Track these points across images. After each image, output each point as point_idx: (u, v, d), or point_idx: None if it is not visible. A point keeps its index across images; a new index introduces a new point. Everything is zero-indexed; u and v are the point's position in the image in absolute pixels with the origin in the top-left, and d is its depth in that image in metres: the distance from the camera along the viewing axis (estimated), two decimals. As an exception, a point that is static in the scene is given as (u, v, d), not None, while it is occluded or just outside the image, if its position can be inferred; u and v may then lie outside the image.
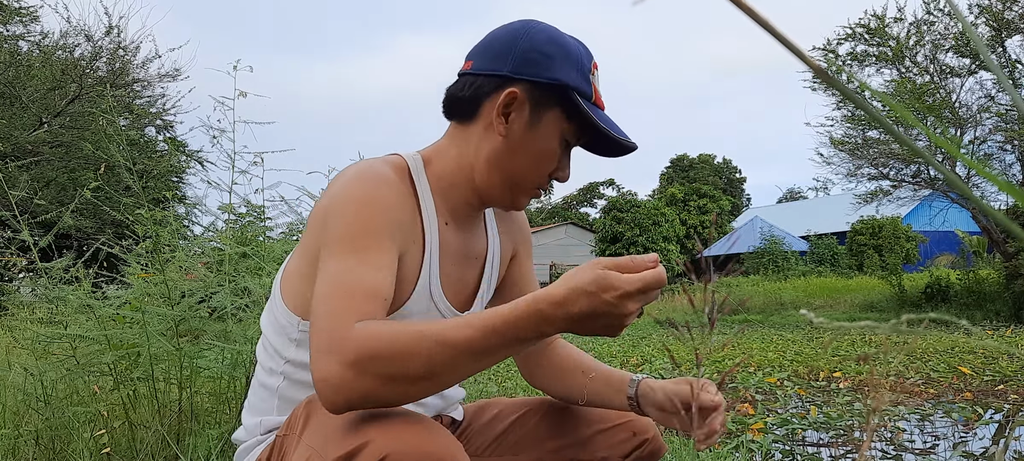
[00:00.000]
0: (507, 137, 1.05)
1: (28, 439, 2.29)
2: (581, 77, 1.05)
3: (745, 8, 0.28)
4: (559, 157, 1.08)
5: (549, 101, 1.04)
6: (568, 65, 1.04)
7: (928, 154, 0.34)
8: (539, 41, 1.05)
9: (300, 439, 0.94)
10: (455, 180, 1.10)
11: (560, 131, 1.06)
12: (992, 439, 3.21)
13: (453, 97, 1.10)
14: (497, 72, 1.05)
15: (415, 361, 0.81)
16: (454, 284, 1.14)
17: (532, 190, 1.10)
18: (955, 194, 12.69)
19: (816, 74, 0.31)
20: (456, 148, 1.10)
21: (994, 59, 0.40)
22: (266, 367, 1.13)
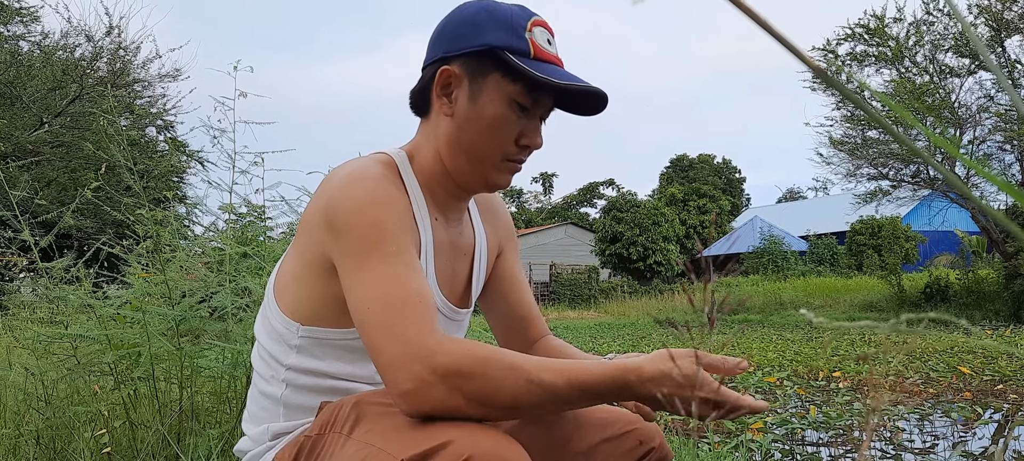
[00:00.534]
0: (454, 115, 1.05)
1: (29, 439, 2.29)
2: (512, 35, 1.02)
3: (745, 9, 0.29)
4: (515, 122, 1.05)
5: (485, 68, 1.03)
6: (496, 28, 1.02)
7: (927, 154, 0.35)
8: (466, 14, 1.05)
9: (349, 437, 0.93)
10: (435, 172, 1.10)
11: (505, 95, 1.03)
12: (991, 439, 3.21)
13: (411, 94, 1.11)
14: (435, 57, 1.06)
15: (504, 392, 0.85)
16: (449, 280, 1.14)
17: (500, 163, 1.07)
18: (954, 194, 12.70)
19: (816, 74, 0.31)
20: (426, 141, 1.10)
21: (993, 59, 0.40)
22: (265, 376, 1.11)
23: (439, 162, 1.09)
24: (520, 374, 0.86)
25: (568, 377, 0.88)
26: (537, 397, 0.86)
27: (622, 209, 26.29)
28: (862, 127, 13.12)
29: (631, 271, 25.84)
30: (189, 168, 13.61)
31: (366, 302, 0.90)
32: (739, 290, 17.84)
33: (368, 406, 0.96)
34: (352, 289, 0.93)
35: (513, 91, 1.03)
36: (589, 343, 8.30)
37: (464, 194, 1.14)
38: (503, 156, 1.06)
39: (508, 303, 1.29)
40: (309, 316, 1.05)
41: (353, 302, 0.92)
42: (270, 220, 2.76)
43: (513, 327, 1.30)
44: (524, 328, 1.30)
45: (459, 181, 1.10)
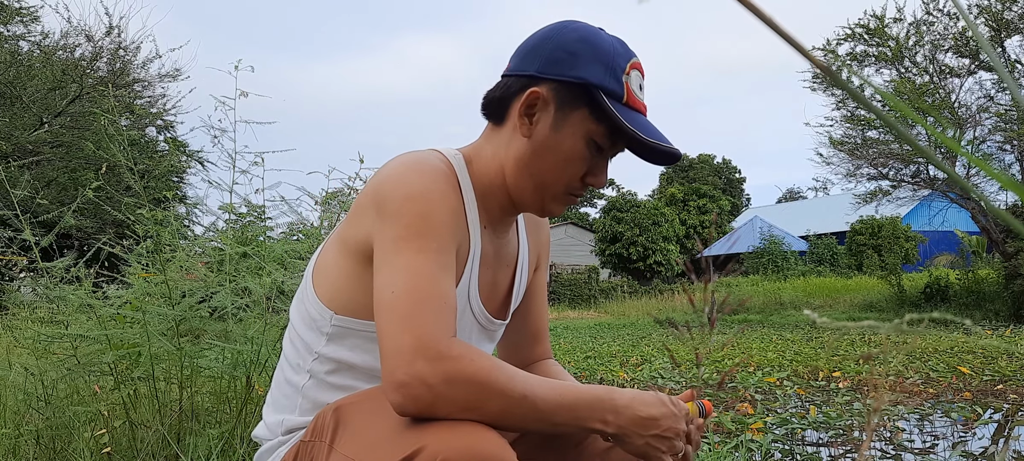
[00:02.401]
0: (532, 139, 1.04)
1: (29, 438, 2.29)
2: (609, 76, 1.01)
3: (751, 7, 0.29)
4: (588, 160, 1.04)
5: (575, 101, 1.02)
6: (596, 64, 1.01)
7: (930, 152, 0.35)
8: (568, 40, 1.03)
9: (331, 448, 0.93)
10: (493, 183, 1.09)
11: (586, 132, 1.02)
12: (991, 439, 3.21)
13: (488, 98, 1.09)
14: (525, 72, 1.04)
15: (497, 402, 0.85)
16: (489, 289, 1.14)
17: (562, 195, 1.07)
18: (955, 194, 12.70)
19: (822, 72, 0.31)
20: (491, 149, 1.09)
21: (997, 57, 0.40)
22: (293, 363, 1.10)
23: (500, 175, 1.08)
24: (515, 386, 0.87)
25: (557, 396, 0.90)
26: (527, 412, 0.88)
27: (622, 209, 26.29)
28: (862, 127, 13.13)
29: (631, 271, 25.84)
30: (189, 168, 13.63)
31: (392, 286, 0.89)
32: (739, 290, 17.84)
33: (347, 411, 0.96)
34: (382, 270, 0.92)
35: (596, 131, 1.02)
36: (589, 343, 8.30)
37: (516, 211, 1.14)
38: (567, 190, 1.06)
39: (525, 317, 1.29)
40: (344, 305, 1.05)
41: (379, 282, 0.91)
42: (270, 220, 2.76)
43: (522, 342, 1.29)
44: (531, 345, 1.30)
45: (516, 200, 1.10)
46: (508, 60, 1.09)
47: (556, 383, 0.92)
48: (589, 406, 0.91)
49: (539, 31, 1.07)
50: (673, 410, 0.98)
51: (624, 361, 6.17)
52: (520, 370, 0.90)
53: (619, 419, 0.93)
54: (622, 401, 0.94)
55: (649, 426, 0.94)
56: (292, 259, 2.53)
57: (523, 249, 1.22)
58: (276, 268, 2.43)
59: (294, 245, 2.65)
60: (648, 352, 6.88)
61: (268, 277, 2.33)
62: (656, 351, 6.95)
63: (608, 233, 25.99)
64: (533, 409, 0.87)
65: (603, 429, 0.93)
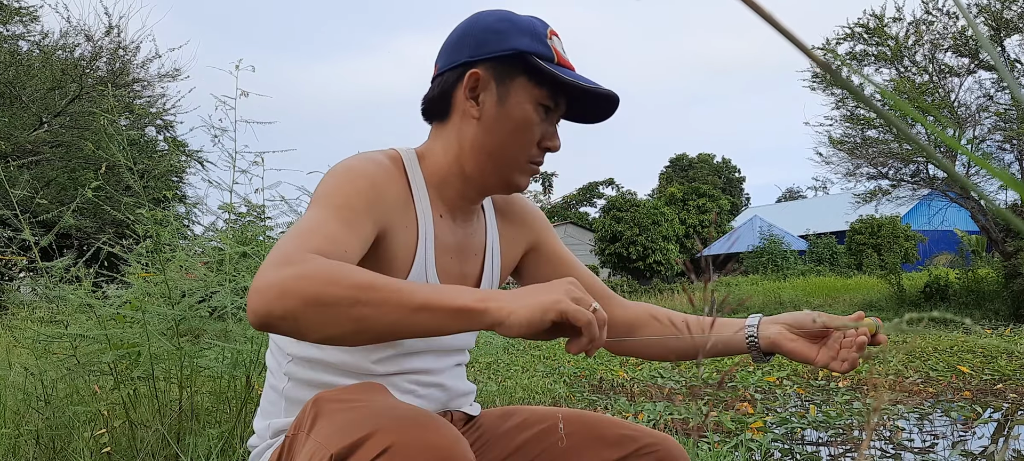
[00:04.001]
0: (482, 118, 1.08)
1: (29, 438, 2.29)
2: (536, 41, 1.07)
3: (754, 6, 0.29)
4: (539, 124, 1.09)
5: (512, 71, 1.07)
6: (520, 34, 1.07)
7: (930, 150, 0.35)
8: (488, 21, 1.09)
9: (309, 436, 0.94)
10: (446, 175, 1.12)
11: (532, 97, 1.07)
12: (991, 438, 3.21)
13: (426, 101, 1.14)
14: (456, 63, 1.09)
15: (340, 288, 0.79)
16: (454, 279, 1.15)
17: (524, 165, 1.10)
18: (954, 193, 12.71)
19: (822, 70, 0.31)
20: (441, 144, 1.13)
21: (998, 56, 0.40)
22: (273, 369, 1.15)
23: (455, 164, 1.11)
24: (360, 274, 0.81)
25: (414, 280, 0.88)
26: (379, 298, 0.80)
27: (622, 209, 26.29)
28: (862, 126, 13.13)
29: (631, 271, 25.84)
30: (189, 168, 13.62)
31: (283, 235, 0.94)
32: (739, 289, 17.85)
33: (324, 403, 0.97)
34: None
35: (539, 94, 1.07)
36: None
37: (477, 196, 1.15)
38: (527, 158, 1.10)
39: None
40: None
41: None
42: (270, 220, 2.76)
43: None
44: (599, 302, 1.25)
45: (479, 183, 1.12)
46: (434, 64, 1.14)
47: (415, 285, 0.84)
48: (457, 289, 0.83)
49: (457, 27, 1.12)
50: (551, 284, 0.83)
51: (624, 360, 6.17)
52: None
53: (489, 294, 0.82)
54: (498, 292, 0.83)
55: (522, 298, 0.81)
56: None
57: (492, 237, 1.23)
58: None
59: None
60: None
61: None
62: (656, 350, 6.94)
63: (608, 233, 25.99)
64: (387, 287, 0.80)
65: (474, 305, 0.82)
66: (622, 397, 4.22)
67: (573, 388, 4.64)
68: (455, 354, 1.21)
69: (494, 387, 4.22)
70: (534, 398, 4.20)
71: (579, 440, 1.17)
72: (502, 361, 5.94)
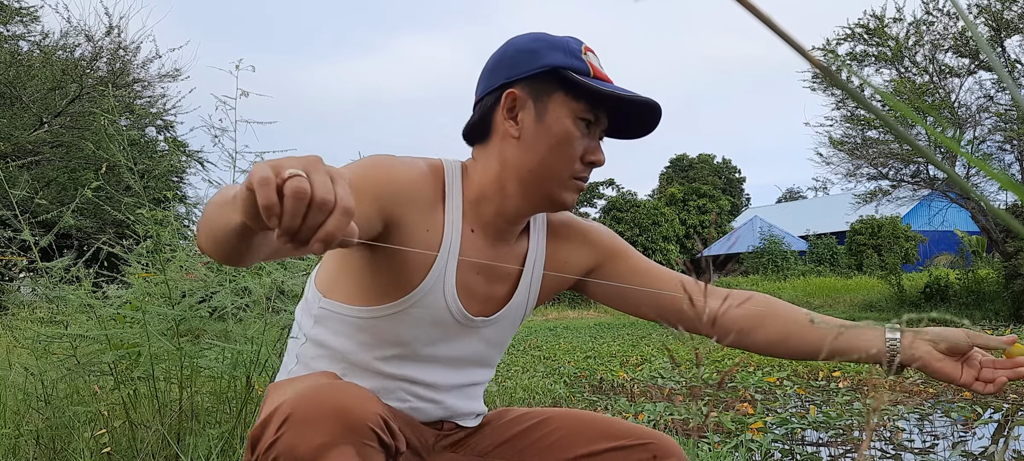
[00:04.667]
0: (521, 136, 1.08)
1: (29, 439, 2.29)
2: (571, 57, 1.07)
3: (751, 8, 0.29)
4: (580, 138, 1.08)
5: (548, 87, 1.07)
6: (554, 51, 1.07)
7: (930, 152, 0.35)
8: (522, 43, 1.10)
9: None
10: (485, 193, 1.12)
11: (570, 112, 1.07)
12: (991, 439, 3.21)
13: (467, 127, 1.14)
14: (494, 86, 1.10)
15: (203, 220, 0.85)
16: (477, 294, 1.14)
17: (568, 181, 1.09)
18: (954, 194, 12.70)
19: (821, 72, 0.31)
20: (482, 164, 1.13)
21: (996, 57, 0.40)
22: (290, 349, 1.19)
23: (496, 182, 1.11)
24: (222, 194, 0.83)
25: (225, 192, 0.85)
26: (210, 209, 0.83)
27: (622, 209, 26.28)
28: (862, 127, 13.13)
29: (631, 271, 25.81)
30: (189, 168, 13.62)
31: None
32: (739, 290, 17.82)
33: (268, 390, 1.04)
34: None
35: (577, 108, 1.07)
36: (589, 342, 8.30)
37: (517, 216, 1.13)
38: (571, 174, 1.09)
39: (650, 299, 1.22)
40: (331, 289, 1.12)
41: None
42: (270, 220, 2.76)
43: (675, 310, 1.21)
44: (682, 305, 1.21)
45: (520, 203, 1.11)
46: (474, 94, 1.15)
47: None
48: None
49: (492, 54, 1.14)
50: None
51: (624, 361, 6.18)
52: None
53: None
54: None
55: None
56: (292, 259, 2.53)
57: (534, 259, 1.20)
58: (276, 268, 2.43)
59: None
60: (648, 352, 6.88)
61: (268, 277, 2.33)
62: (656, 351, 6.95)
63: (608, 233, 25.95)
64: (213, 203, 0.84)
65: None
66: (622, 397, 4.22)
67: (573, 388, 4.64)
68: (470, 369, 1.19)
69: (494, 387, 4.22)
70: (534, 398, 4.20)
71: (571, 433, 1.18)
72: (502, 361, 5.94)
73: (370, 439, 0.87)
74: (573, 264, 1.25)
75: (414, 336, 1.11)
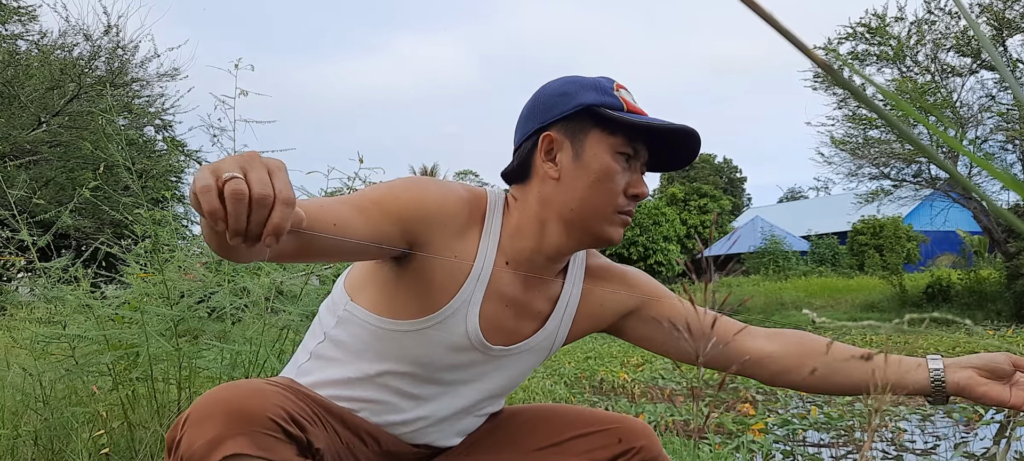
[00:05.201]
0: (561, 177, 1.08)
1: (27, 439, 2.28)
2: (603, 94, 1.08)
3: (754, 6, 0.28)
4: (620, 173, 1.08)
5: (583, 126, 1.08)
6: (586, 91, 1.08)
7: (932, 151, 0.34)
8: (553, 88, 1.11)
9: None
10: (523, 229, 1.12)
11: (608, 147, 1.07)
12: (993, 439, 3.20)
13: (507, 171, 1.16)
14: (530, 132, 1.11)
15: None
16: (501, 326, 1.13)
17: (612, 216, 1.09)
18: (956, 194, 12.69)
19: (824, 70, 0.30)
20: (522, 202, 1.13)
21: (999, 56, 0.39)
22: (305, 345, 1.19)
23: (535, 220, 1.11)
24: None
25: None
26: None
27: (623, 209, 26.26)
28: (863, 126, 13.12)
29: (632, 271, 25.81)
30: (188, 168, 13.60)
31: None
32: (740, 290, 17.83)
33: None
34: None
35: (615, 142, 1.08)
36: (589, 342, 8.29)
37: (557, 254, 1.13)
38: (615, 209, 1.09)
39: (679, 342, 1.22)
40: (357, 292, 1.13)
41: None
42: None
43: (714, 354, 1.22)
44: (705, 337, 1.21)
45: (560, 242, 1.11)
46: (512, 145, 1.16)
47: None
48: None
49: (526, 103, 1.15)
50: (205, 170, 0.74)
51: (625, 362, 6.17)
52: None
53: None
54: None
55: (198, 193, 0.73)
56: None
57: (568, 297, 1.19)
58: (274, 268, 2.42)
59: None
60: (649, 353, 6.87)
61: (266, 277, 2.33)
62: (657, 351, 6.92)
63: (609, 233, 25.98)
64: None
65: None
66: (623, 398, 4.21)
67: (573, 389, 4.63)
68: (481, 401, 1.18)
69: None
70: (533, 399, 4.20)
71: (539, 425, 1.21)
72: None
73: (269, 429, 0.88)
74: (609, 306, 1.24)
75: (430, 358, 1.10)
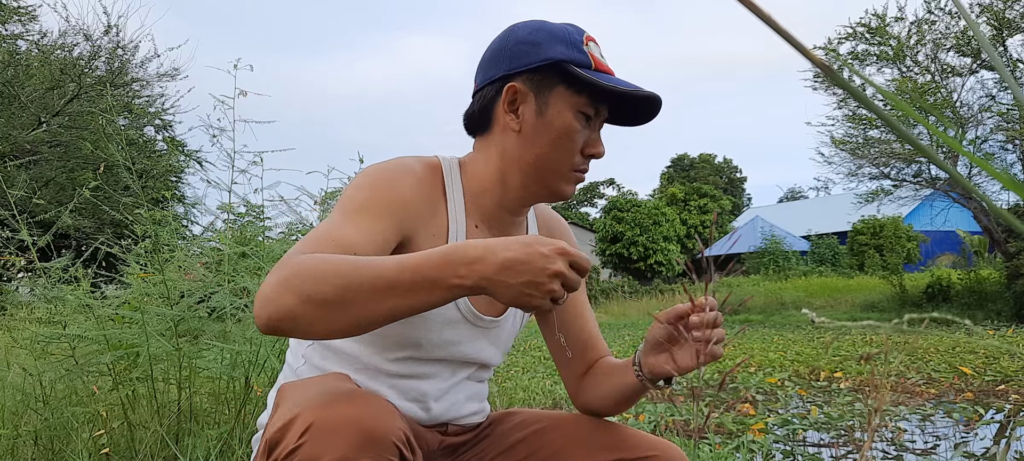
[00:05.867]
0: (522, 130, 1.08)
1: (27, 439, 2.28)
2: (572, 49, 1.06)
3: (752, 7, 0.28)
4: (580, 132, 1.08)
5: (549, 81, 1.07)
6: (556, 43, 1.07)
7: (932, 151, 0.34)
8: (523, 34, 1.09)
9: (269, 425, 0.95)
10: (486, 185, 1.12)
11: (571, 106, 1.07)
12: (993, 439, 3.20)
13: (467, 117, 1.15)
14: (495, 77, 1.09)
15: (331, 281, 0.82)
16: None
17: (568, 173, 1.10)
18: (957, 194, 12.69)
19: (823, 70, 0.30)
20: (482, 156, 1.13)
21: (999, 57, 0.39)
22: (293, 348, 1.19)
23: (497, 174, 1.12)
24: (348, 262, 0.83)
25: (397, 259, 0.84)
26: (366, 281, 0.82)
27: (623, 209, 26.28)
28: (863, 126, 13.13)
29: (632, 271, 25.84)
30: (187, 168, 13.61)
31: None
32: (740, 290, 17.83)
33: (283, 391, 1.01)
34: None
35: (579, 102, 1.07)
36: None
37: (519, 207, 1.15)
38: (571, 167, 1.09)
39: (569, 330, 1.26)
40: None
41: None
42: (269, 220, 2.76)
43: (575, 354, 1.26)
44: (582, 352, 1.26)
45: (521, 194, 1.12)
46: (473, 81, 1.15)
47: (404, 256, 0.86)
48: (438, 264, 0.83)
49: (492, 43, 1.13)
50: (541, 249, 0.84)
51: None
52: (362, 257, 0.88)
53: (476, 270, 0.83)
54: (475, 252, 0.84)
55: (515, 270, 0.83)
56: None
57: None
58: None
59: (293, 245, 2.64)
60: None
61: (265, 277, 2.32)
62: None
63: (609, 233, 25.98)
64: (376, 276, 0.82)
65: (461, 283, 0.83)
66: (622, 398, 4.20)
67: (573, 389, 4.62)
68: (477, 369, 1.19)
69: (494, 388, 4.21)
70: (534, 400, 4.20)
71: (573, 442, 1.16)
72: (503, 362, 5.94)
73: (392, 454, 0.84)
74: None
75: (426, 338, 1.09)
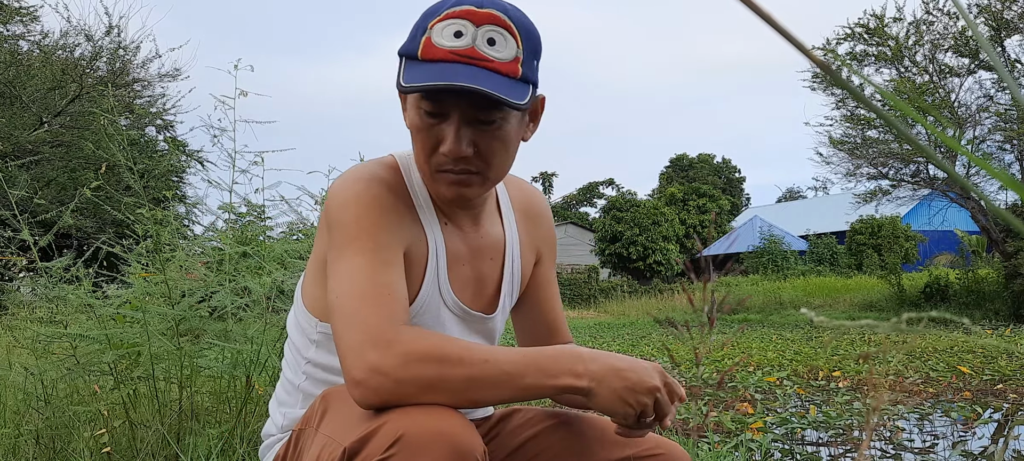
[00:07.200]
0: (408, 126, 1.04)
1: (28, 438, 2.29)
2: (412, 38, 0.96)
3: (753, 6, 0.29)
4: (431, 129, 0.97)
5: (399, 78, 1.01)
6: (411, 31, 0.97)
7: (930, 151, 0.35)
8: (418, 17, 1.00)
9: (317, 431, 0.95)
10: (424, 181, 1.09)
11: (414, 102, 0.98)
12: (991, 438, 3.21)
13: None
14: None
15: (459, 371, 0.85)
16: (471, 285, 1.12)
17: (434, 173, 1.01)
18: (954, 193, 12.70)
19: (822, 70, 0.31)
20: None
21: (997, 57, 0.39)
22: (290, 363, 1.16)
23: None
24: (474, 353, 0.87)
25: (524, 353, 0.90)
26: (493, 376, 0.87)
27: (622, 209, 26.30)
28: (862, 126, 13.14)
29: (631, 271, 25.86)
30: (189, 168, 13.61)
31: (336, 291, 0.93)
32: (739, 290, 17.84)
33: (333, 397, 0.99)
34: (330, 279, 0.96)
35: (414, 98, 0.98)
36: (589, 342, 8.30)
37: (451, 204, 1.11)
38: (434, 167, 1.00)
39: (538, 311, 1.27)
40: (324, 312, 1.09)
41: (329, 292, 0.96)
42: (270, 220, 2.76)
43: (539, 335, 1.28)
44: (548, 337, 1.27)
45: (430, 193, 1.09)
46: None
47: (519, 348, 0.92)
48: (555, 360, 0.90)
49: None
50: (644, 364, 0.95)
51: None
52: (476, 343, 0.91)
53: (589, 368, 0.91)
54: (590, 354, 0.93)
55: (620, 376, 0.92)
56: (292, 259, 2.53)
57: (512, 240, 1.18)
58: (276, 268, 2.43)
59: (294, 245, 2.65)
60: (648, 351, 6.88)
61: (268, 277, 2.33)
62: (656, 350, 6.95)
63: (608, 233, 26.00)
64: (499, 371, 0.87)
65: (575, 383, 0.90)
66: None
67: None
68: None
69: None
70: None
71: (583, 439, 1.16)
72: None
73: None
74: (534, 246, 1.24)
75: None
